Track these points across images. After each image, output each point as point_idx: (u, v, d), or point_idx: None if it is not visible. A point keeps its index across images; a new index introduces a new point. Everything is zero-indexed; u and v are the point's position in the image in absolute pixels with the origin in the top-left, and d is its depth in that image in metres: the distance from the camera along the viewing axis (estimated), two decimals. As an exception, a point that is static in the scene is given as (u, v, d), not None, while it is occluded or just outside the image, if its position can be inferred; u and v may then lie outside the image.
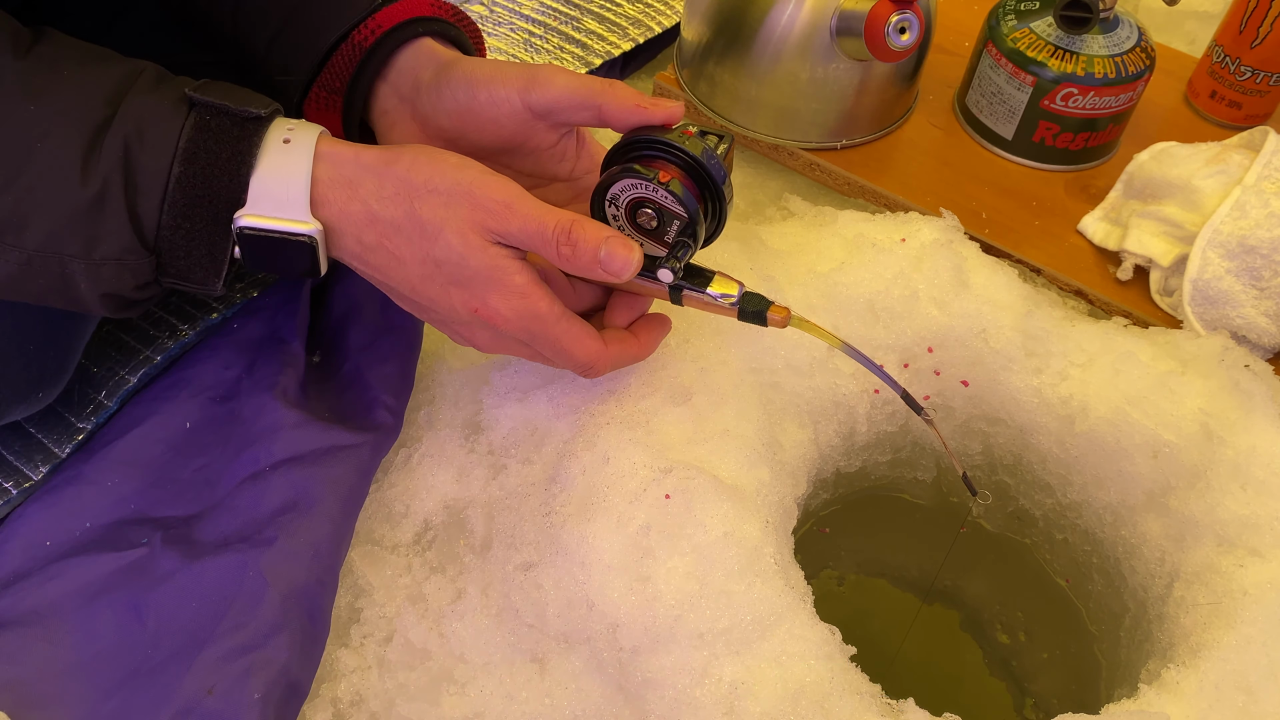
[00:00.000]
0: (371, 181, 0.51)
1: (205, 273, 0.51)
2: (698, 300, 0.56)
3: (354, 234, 0.52)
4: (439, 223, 0.51)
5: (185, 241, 0.50)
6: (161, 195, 0.48)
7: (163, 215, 0.48)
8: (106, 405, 0.64)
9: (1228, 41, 0.87)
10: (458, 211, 0.51)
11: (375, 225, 0.51)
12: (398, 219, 0.51)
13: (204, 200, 0.49)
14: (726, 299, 0.55)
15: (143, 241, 0.49)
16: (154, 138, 0.48)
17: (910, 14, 0.74)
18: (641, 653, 0.54)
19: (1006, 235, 0.81)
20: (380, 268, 0.53)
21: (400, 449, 0.65)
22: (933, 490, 0.80)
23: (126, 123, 0.48)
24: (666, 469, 0.57)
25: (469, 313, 0.53)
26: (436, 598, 0.59)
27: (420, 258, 0.52)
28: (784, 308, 0.55)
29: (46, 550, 0.59)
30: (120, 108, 0.48)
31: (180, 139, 0.48)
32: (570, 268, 0.53)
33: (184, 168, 0.48)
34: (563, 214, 0.52)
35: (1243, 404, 0.65)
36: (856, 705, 0.53)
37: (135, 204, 0.48)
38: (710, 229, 0.56)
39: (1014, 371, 0.69)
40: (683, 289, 0.55)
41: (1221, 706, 0.54)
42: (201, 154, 0.49)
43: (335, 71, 0.59)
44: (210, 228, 0.50)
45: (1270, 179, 0.71)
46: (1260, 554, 0.60)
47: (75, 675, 0.54)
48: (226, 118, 0.49)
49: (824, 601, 0.57)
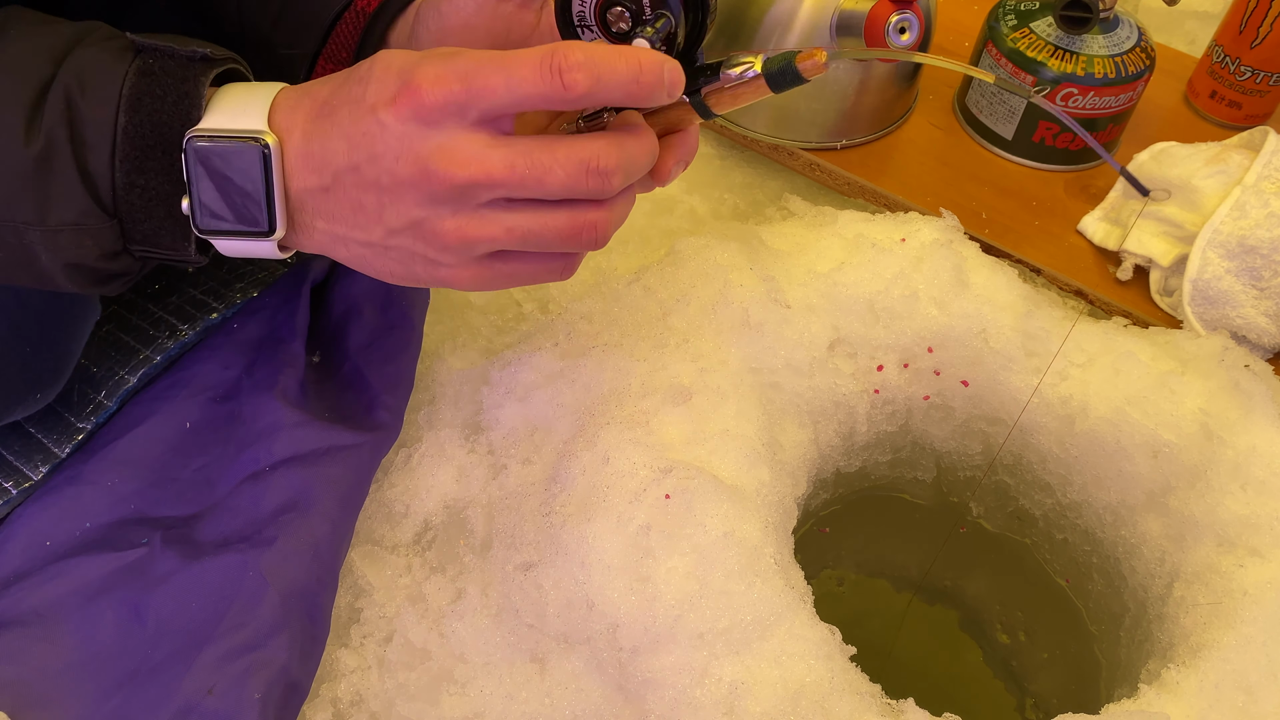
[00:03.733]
0: (323, 79, 0.46)
1: (173, 236, 0.46)
2: (720, 93, 0.47)
3: (299, 126, 0.45)
4: (374, 60, 0.44)
5: (143, 200, 0.45)
6: (111, 149, 0.44)
7: (115, 173, 0.45)
8: (106, 405, 0.64)
9: (1228, 41, 0.87)
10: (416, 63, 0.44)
11: (315, 101, 0.45)
12: (339, 78, 0.45)
13: (154, 150, 0.45)
14: (748, 72, 0.46)
15: (100, 204, 0.45)
16: (96, 87, 0.44)
17: (910, 14, 0.74)
18: (641, 653, 0.54)
19: (1006, 235, 0.81)
20: (322, 158, 0.45)
21: (400, 449, 0.65)
22: (933, 490, 0.80)
23: (68, 73, 0.44)
24: (666, 469, 0.57)
25: (415, 168, 0.43)
26: (436, 598, 0.59)
27: (353, 95, 0.44)
28: (813, 50, 0.46)
29: (46, 550, 0.59)
30: (65, 62, 0.45)
31: (124, 85, 0.44)
32: (578, 94, 0.42)
33: (129, 116, 0.44)
34: (537, 49, 0.43)
35: (1243, 404, 0.65)
36: (856, 705, 0.53)
37: (85, 161, 0.45)
38: (691, 35, 0.48)
39: (1014, 371, 0.69)
40: (699, 89, 0.47)
41: (1221, 706, 0.54)
42: (147, 100, 0.44)
43: (340, 42, 0.59)
44: (165, 181, 0.45)
45: (1270, 179, 0.71)
46: (1260, 554, 0.60)
47: (75, 675, 0.54)
48: (171, 59, 0.45)
49: (824, 601, 0.57)
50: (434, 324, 0.73)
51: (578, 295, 0.71)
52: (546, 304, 0.77)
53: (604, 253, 0.80)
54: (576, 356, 0.64)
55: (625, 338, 0.66)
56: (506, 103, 0.42)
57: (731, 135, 0.89)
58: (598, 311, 0.67)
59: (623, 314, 0.67)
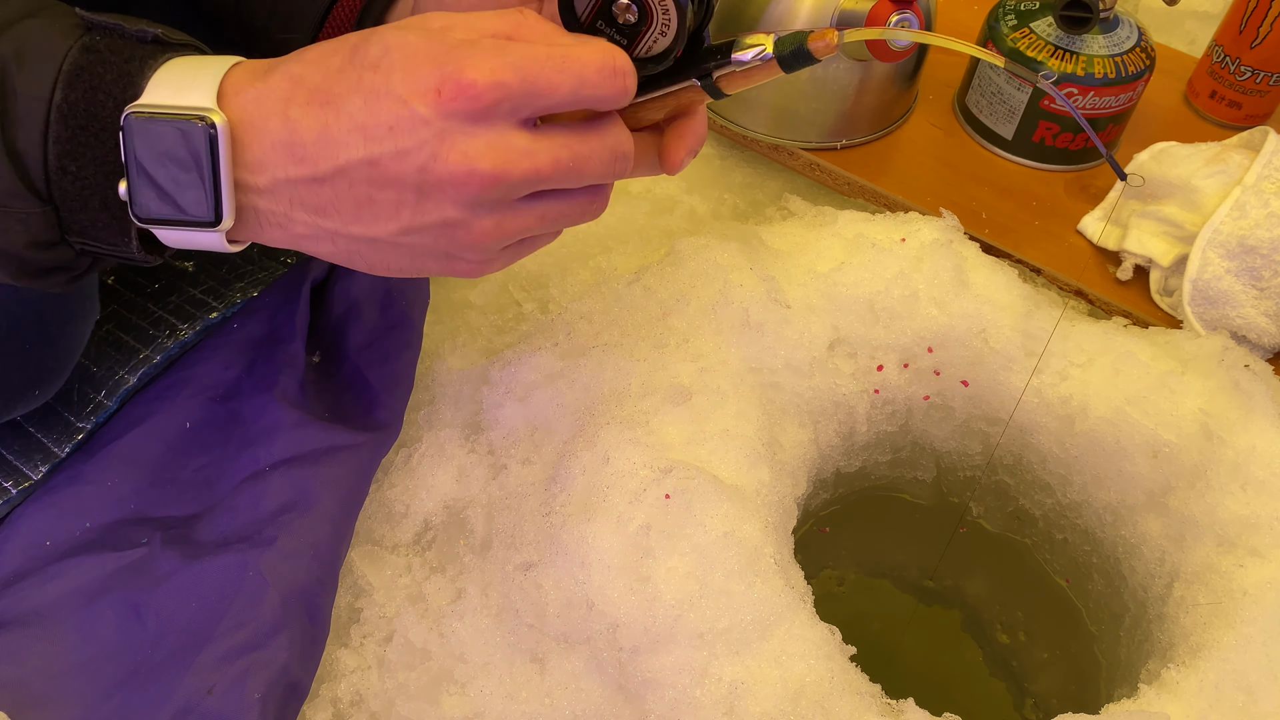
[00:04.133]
0: (295, 56, 0.42)
1: (110, 229, 0.43)
2: (732, 75, 0.46)
3: (279, 112, 0.41)
4: (387, 44, 0.40)
5: (76, 187, 0.42)
6: (43, 128, 0.41)
7: (48, 155, 0.41)
8: (106, 405, 0.64)
9: (1228, 41, 0.87)
10: (411, 35, 0.41)
11: (302, 87, 0.41)
12: (336, 64, 0.41)
13: (88, 131, 0.41)
14: (760, 55, 0.45)
15: (30, 186, 0.41)
16: (34, 60, 0.41)
17: (910, 14, 0.74)
18: (641, 653, 0.54)
19: (1006, 235, 0.81)
20: (319, 149, 0.41)
21: (400, 449, 0.65)
22: (933, 490, 0.80)
23: (6, 45, 0.41)
24: (666, 469, 0.57)
25: (460, 167, 0.40)
26: (436, 598, 0.59)
27: (362, 82, 0.40)
28: (825, 30, 0.44)
29: (46, 550, 0.59)
30: (6, 33, 0.41)
31: (64, 61, 0.41)
32: (629, 98, 0.42)
33: (65, 94, 0.41)
34: (591, 47, 0.41)
35: (1243, 404, 0.65)
36: (856, 705, 0.53)
37: (13, 138, 0.41)
38: (699, 14, 0.46)
39: (1014, 371, 0.69)
40: (710, 73, 0.45)
41: (1221, 706, 0.54)
42: (85, 76, 0.41)
43: (336, 27, 0.58)
44: (98, 167, 0.41)
45: (1270, 179, 0.71)
46: (1260, 554, 0.60)
47: (75, 675, 0.54)
48: (119, 37, 0.42)
49: (824, 601, 0.57)
50: (434, 324, 0.73)
51: (578, 295, 0.71)
52: (546, 304, 0.77)
53: (604, 252, 0.80)
54: (576, 356, 0.64)
55: (625, 338, 0.65)
56: (568, 104, 0.41)
57: (731, 135, 0.89)
58: (598, 311, 0.67)
59: (623, 314, 0.67)
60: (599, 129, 0.43)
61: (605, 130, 0.43)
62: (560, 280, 0.78)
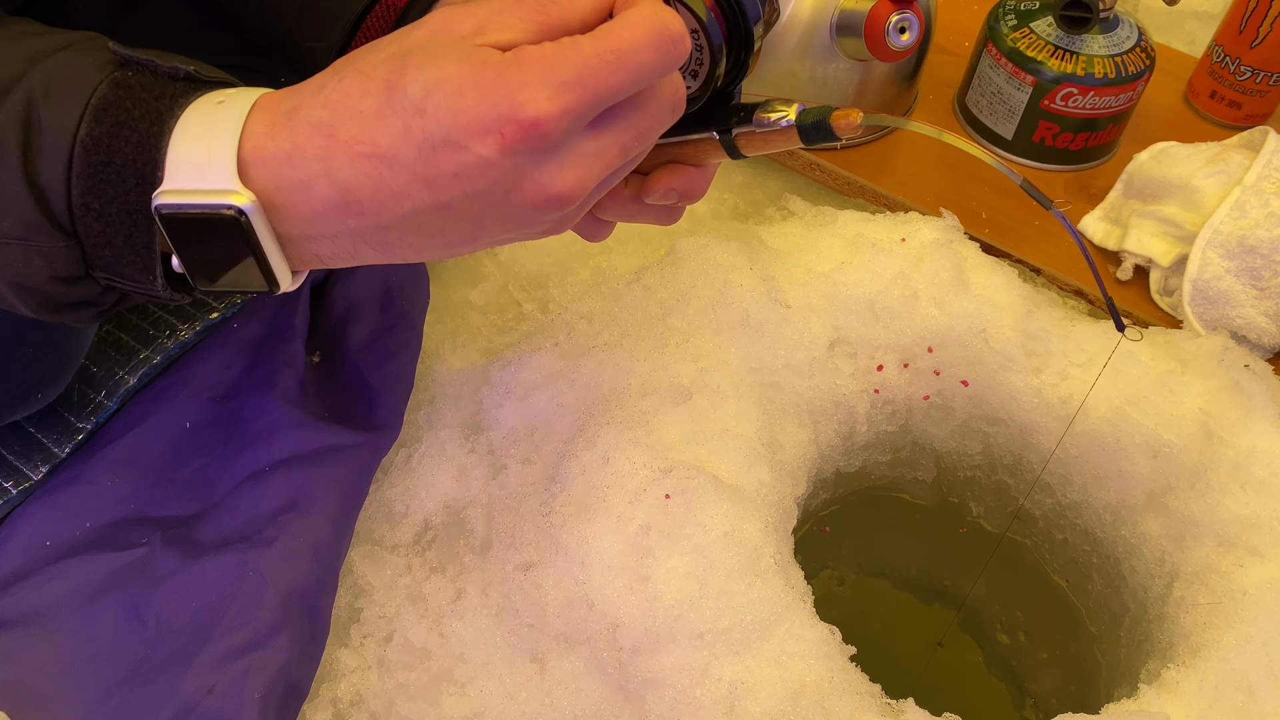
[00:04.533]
0: (314, 96, 0.39)
1: (134, 268, 0.41)
2: (751, 137, 0.46)
3: (322, 175, 0.39)
4: (427, 83, 0.38)
5: (99, 224, 0.40)
6: (67, 162, 0.39)
7: (71, 190, 0.40)
8: (106, 405, 0.64)
9: (1228, 41, 0.87)
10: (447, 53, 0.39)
11: (339, 141, 0.39)
12: (370, 108, 0.39)
13: (111, 166, 0.40)
14: (781, 120, 0.45)
15: (52, 220, 0.40)
16: (63, 93, 0.40)
17: (910, 14, 0.74)
18: (641, 653, 0.54)
19: (1006, 235, 0.81)
20: (379, 203, 0.39)
21: (400, 449, 0.65)
22: (933, 490, 0.80)
23: (37, 76, 0.40)
24: (666, 469, 0.57)
25: (537, 195, 0.39)
26: (436, 598, 0.59)
27: (412, 130, 0.38)
28: (849, 110, 0.44)
29: (46, 550, 0.59)
30: (39, 64, 0.40)
31: (93, 96, 0.39)
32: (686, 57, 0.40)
33: (90, 128, 0.39)
34: (637, 24, 0.39)
35: (1243, 404, 0.65)
36: (856, 705, 0.53)
37: (36, 171, 0.40)
38: (731, 71, 0.47)
39: (1014, 371, 0.69)
40: (730, 129, 0.46)
41: (1221, 706, 0.54)
42: (112, 111, 0.39)
43: (369, 35, 0.56)
44: (121, 205, 0.40)
45: (1270, 179, 0.71)
46: (1260, 554, 0.60)
47: (75, 675, 0.54)
48: (150, 74, 0.40)
49: (824, 601, 0.57)
50: (434, 324, 0.73)
51: (578, 295, 0.71)
52: (546, 304, 0.77)
53: (604, 252, 0.80)
54: (576, 356, 0.64)
55: (625, 338, 0.66)
56: (630, 92, 0.39)
57: (731, 135, 0.89)
58: (598, 311, 0.67)
59: (623, 314, 0.67)
60: (654, 90, 0.41)
61: (660, 87, 0.41)
62: (560, 280, 0.78)
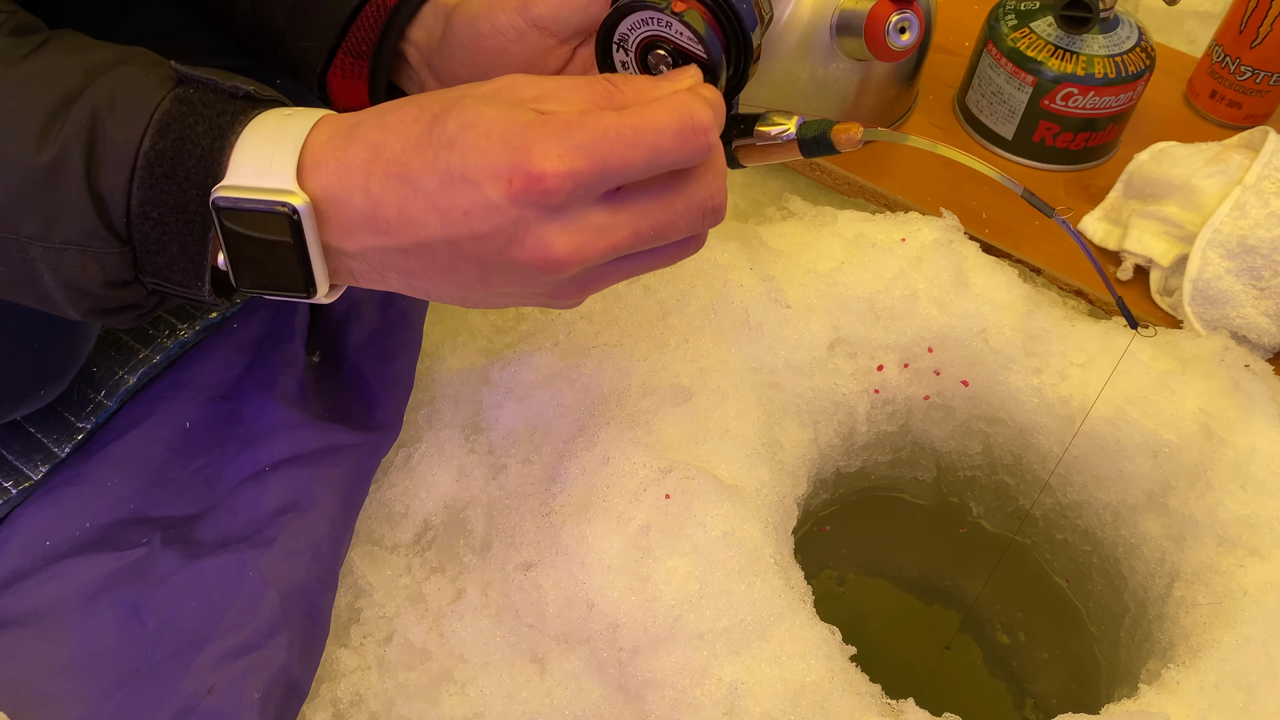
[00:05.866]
0: (375, 117, 0.42)
1: (184, 273, 0.43)
2: (751, 148, 0.48)
3: (360, 185, 0.41)
4: (464, 121, 0.40)
5: (156, 231, 0.42)
6: (129, 173, 0.41)
7: (131, 199, 0.42)
8: (106, 405, 0.64)
9: (1228, 41, 0.87)
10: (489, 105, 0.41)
11: (381, 158, 0.41)
12: (415, 134, 0.41)
13: (173, 179, 0.42)
14: (782, 134, 0.47)
15: (109, 226, 0.42)
16: (126, 107, 0.42)
17: (910, 14, 0.74)
18: (641, 653, 0.54)
19: (1006, 235, 0.81)
20: (401, 225, 0.41)
21: (400, 449, 0.65)
22: (933, 490, 0.80)
23: (100, 90, 0.42)
24: (666, 469, 0.57)
25: (538, 255, 0.41)
26: (436, 598, 0.59)
27: (439, 161, 0.40)
28: (850, 124, 0.46)
29: (46, 550, 0.59)
30: (100, 78, 0.42)
31: (156, 111, 0.42)
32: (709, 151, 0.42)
33: (154, 141, 0.41)
34: (664, 108, 0.40)
35: (1243, 404, 0.65)
36: (856, 705, 0.53)
37: (98, 179, 0.42)
38: (732, 81, 0.48)
39: (1014, 371, 0.69)
40: (731, 141, 0.47)
41: (1221, 706, 0.54)
42: (175, 126, 0.42)
43: (360, 35, 0.57)
44: (179, 215, 0.42)
45: (1270, 179, 0.71)
46: (1260, 554, 0.60)
47: (75, 675, 0.54)
48: (212, 92, 0.43)
49: (824, 601, 0.57)
50: (434, 324, 0.73)
51: (578, 295, 0.71)
52: (546, 304, 0.77)
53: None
54: (576, 356, 0.64)
55: (625, 338, 0.66)
56: (647, 173, 0.41)
57: (731, 135, 0.89)
58: (598, 311, 0.67)
59: (623, 314, 0.67)
60: (685, 187, 0.42)
61: (693, 187, 0.42)
62: (560, 280, 0.77)
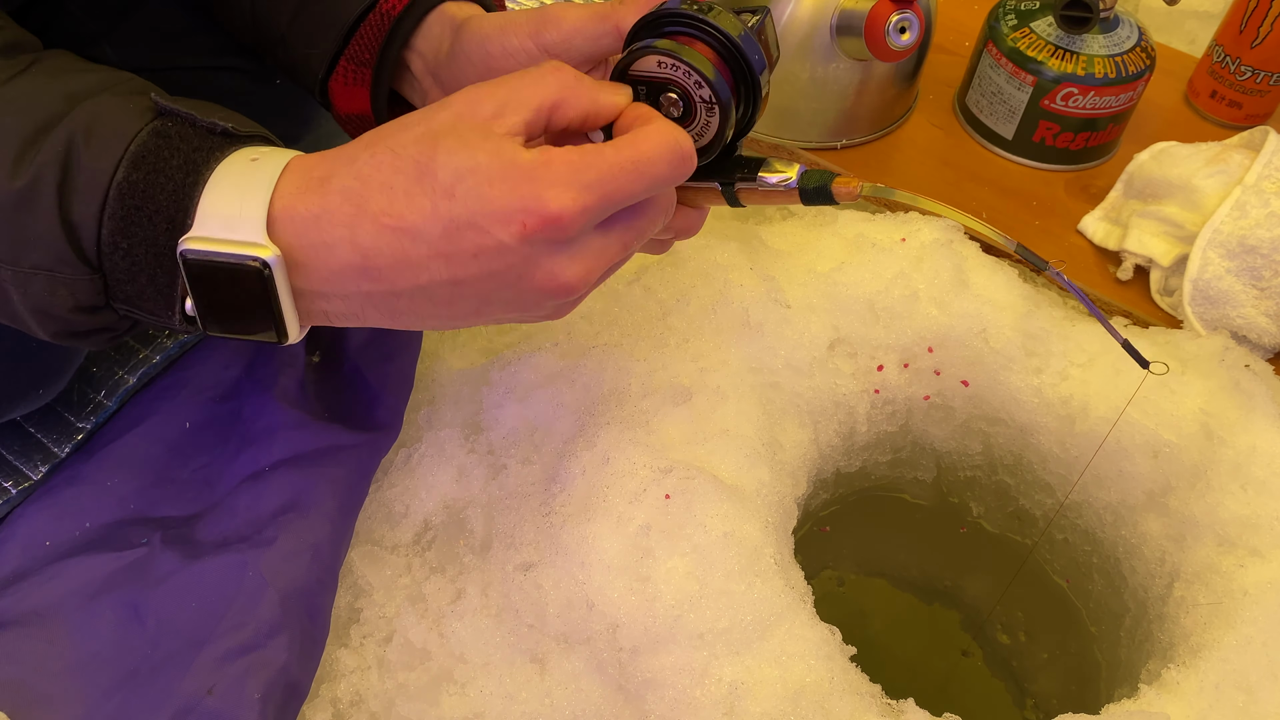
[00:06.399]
0: (346, 166, 0.42)
1: (155, 303, 0.43)
2: (752, 192, 0.49)
3: (345, 239, 0.41)
4: (458, 170, 0.41)
5: (126, 261, 0.42)
6: (101, 202, 0.41)
7: (103, 228, 0.41)
8: (106, 405, 0.65)
9: (1228, 41, 0.87)
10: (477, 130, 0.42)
11: (367, 211, 0.41)
12: (401, 186, 0.41)
13: (144, 211, 0.41)
14: (784, 182, 0.48)
15: (80, 254, 0.42)
16: (103, 137, 0.42)
17: (910, 13, 0.74)
18: (641, 653, 0.54)
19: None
20: (396, 272, 0.42)
21: (400, 449, 0.65)
22: (933, 490, 0.80)
23: (78, 118, 0.42)
24: (666, 469, 0.57)
25: (548, 284, 0.43)
26: (436, 598, 0.59)
27: (439, 211, 0.41)
28: (851, 178, 0.47)
29: (46, 550, 0.59)
30: (79, 106, 0.42)
31: (132, 143, 0.41)
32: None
33: (127, 173, 0.41)
34: (657, 139, 0.43)
35: (1243, 404, 0.65)
36: (856, 705, 0.53)
37: (69, 208, 0.41)
38: (741, 122, 0.49)
39: (1014, 371, 0.69)
40: (734, 184, 0.49)
41: (1221, 706, 0.54)
42: (150, 159, 0.41)
43: (363, 43, 0.57)
44: (149, 247, 0.42)
45: (1270, 179, 0.71)
46: (1260, 554, 0.60)
47: (75, 675, 0.54)
48: (190, 126, 0.43)
49: (824, 601, 0.57)
50: (434, 324, 0.73)
51: (578, 295, 0.71)
52: (546, 304, 0.77)
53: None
54: (576, 356, 0.64)
55: (625, 338, 0.66)
56: (642, 198, 0.44)
57: (731, 135, 0.89)
58: (598, 311, 0.67)
59: (623, 314, 0.67)
60: (653, 197, 0.45)
61: (657, 196, 0.45)
62: (560, 280, 0.77)
